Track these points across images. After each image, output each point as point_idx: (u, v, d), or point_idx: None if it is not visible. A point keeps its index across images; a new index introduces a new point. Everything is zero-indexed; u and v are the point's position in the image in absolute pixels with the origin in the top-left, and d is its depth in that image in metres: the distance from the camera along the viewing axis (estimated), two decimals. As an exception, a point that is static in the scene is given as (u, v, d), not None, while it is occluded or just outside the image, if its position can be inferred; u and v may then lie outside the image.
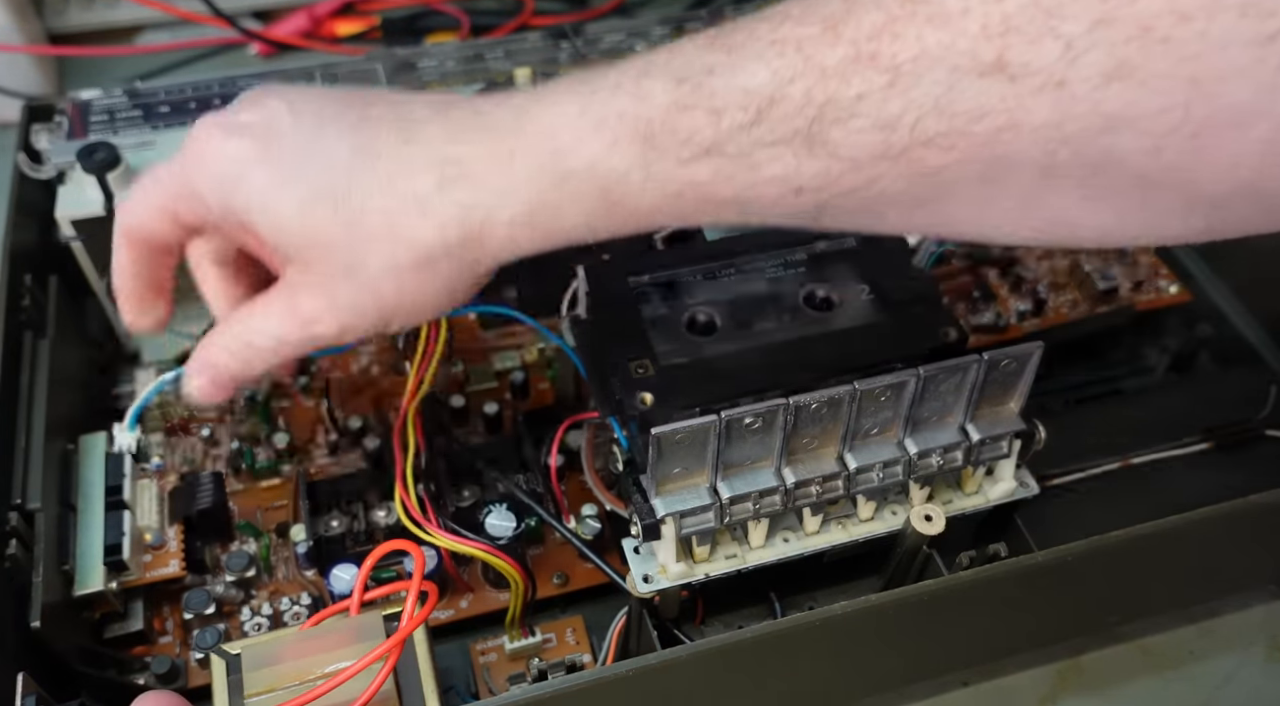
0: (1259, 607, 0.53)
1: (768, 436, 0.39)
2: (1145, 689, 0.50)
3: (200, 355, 0.39)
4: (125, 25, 0.85)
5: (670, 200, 0.32)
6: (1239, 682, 0.50)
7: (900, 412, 0.40)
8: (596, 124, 0.31)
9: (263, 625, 0.48)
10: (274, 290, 0.37)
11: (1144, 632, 0.52)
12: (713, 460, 0.38)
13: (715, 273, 0.44)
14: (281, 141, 0.34)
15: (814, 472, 0.40)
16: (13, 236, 0.52)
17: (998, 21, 0.26)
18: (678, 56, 0.31)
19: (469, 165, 0.33)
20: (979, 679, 0.50)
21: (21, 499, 0.44)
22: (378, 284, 0.34)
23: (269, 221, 0.34)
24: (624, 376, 0.39)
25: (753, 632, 0.39)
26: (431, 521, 0.46)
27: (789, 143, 0.29)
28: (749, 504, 0.40)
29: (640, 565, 0.41)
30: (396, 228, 0.33)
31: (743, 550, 0.42)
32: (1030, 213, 0.30)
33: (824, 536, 0.42)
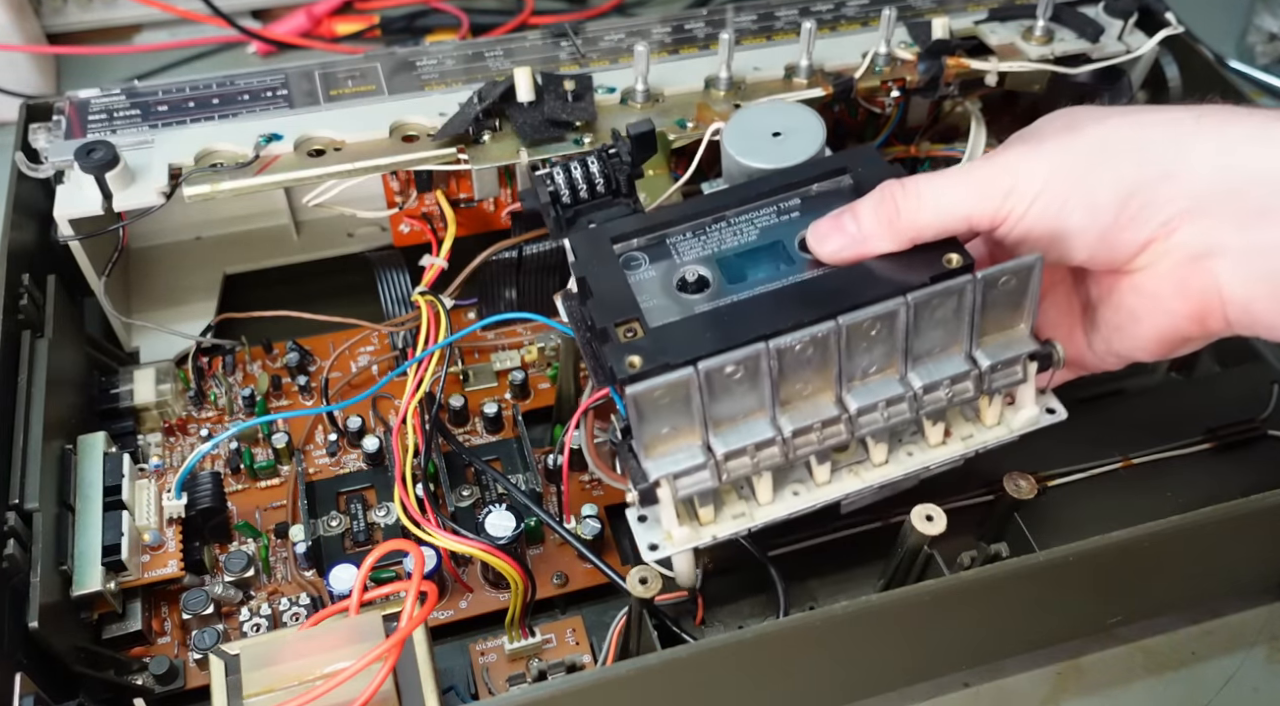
0: (1259, 608, 0.53)
1: (756, 385, 0.37)
2: (1145, 689, 0.50)
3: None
4: (123, 24, 0.85)
5: None
6: (1239, 683, 0.50)
7: (897, 346, 0.38)
8: None
9: (261, 625, 0.47)
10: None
11: (1144, 633, 0.52)
12: (700, 416, 0.37)
13: (705, 228, 0.43)
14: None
15: (812, 418, 0.38)
16: (11, 236, 0.51)
17: None
18: None
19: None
20: (979, 679, 0.50)
21: (19, 499, 0.44)
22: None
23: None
24: (612, 342, 0.38)
25: (753, 632, 0.39)
26: (431, 521, 0.46)
27: None
28: (746, 458, 0.38)
29: (646, 533, 0.39)
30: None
31: (750, 508, 0.40)
32: None
33: (836, 485, 0.40)
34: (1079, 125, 0.40)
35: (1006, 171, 0.39)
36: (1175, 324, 0.40)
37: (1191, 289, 0.39)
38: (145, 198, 0.51)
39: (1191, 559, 0.48)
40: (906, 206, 0.39)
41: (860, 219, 0.39)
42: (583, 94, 0.55)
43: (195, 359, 0.57)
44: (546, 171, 0.45)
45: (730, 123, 0.48)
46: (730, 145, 0.47)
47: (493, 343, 0.60)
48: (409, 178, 0.58)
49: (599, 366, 0.41)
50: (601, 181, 0.45)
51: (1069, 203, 0.38)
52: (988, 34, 0.62)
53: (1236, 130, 0.37)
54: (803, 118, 0.48)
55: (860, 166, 0.44)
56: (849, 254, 0.40)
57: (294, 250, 0.64)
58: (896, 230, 0.39)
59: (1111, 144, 0.39)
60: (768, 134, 0.47)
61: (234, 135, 0.54)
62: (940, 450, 0.41)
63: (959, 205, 0.39)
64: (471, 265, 0.57)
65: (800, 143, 0.46)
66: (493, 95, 0.53)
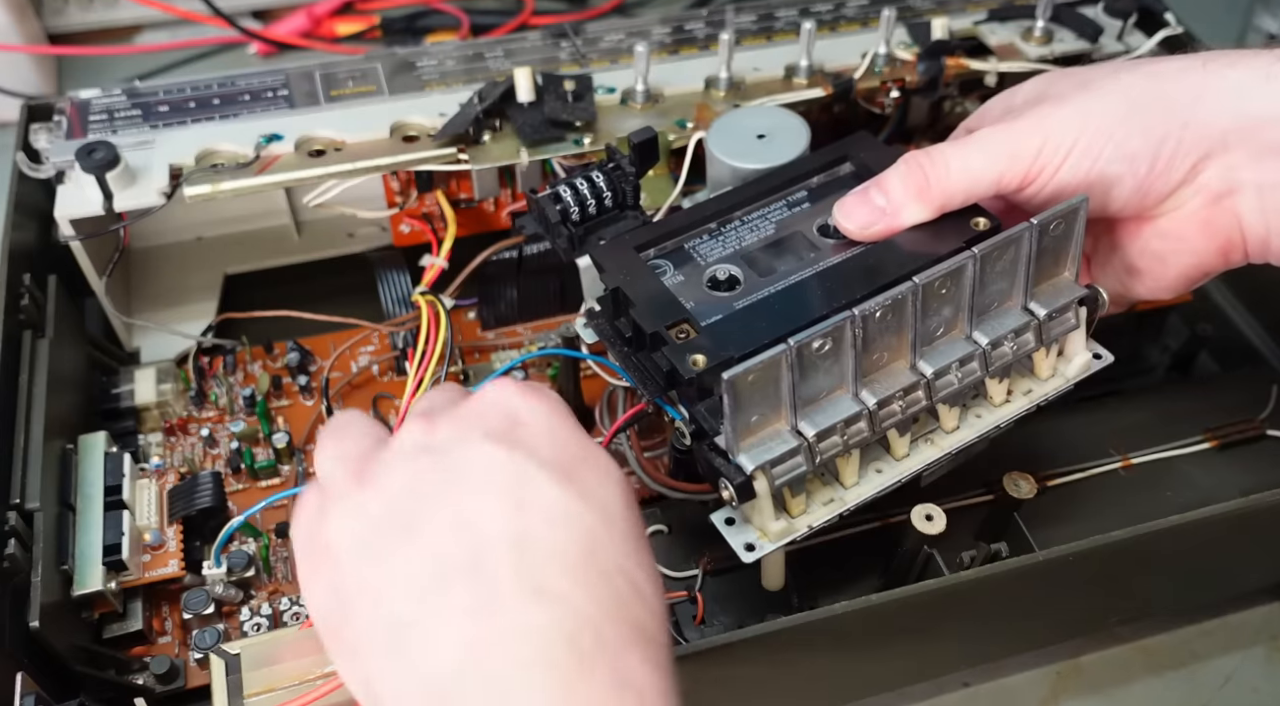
0: (1259, 607, 0.53)
1: (838, 359, 0.36)
2: (1145, 689, 0.50)
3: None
4: (124, 25, 0.85)
5: None
6: (1239, 683, 0.50)
7: (963, 304, 0.38)
8: None
9: (262, 625, 0.47)
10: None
11: (1144, 633, 0.52)
12: (789, 397, 0.36)
13: (720, 229, 0.43)
14: None
15: (892, 388, 0.37)
16: (12, 236, 0.52)
17: None
18: None
19: None
20: (979, 679, 0.50)
21: (20, 498, 0.44)
22: None
23: None
24: (669, 345, 0.37)
25: (753, 632, 0.39)
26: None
27: None
28: (837, 437, 0.37)
29: (738, 535, 0.38)
30: None
31: (838, 492, 0.39)
32: None
33: (916, 457, 0.40)
34: (1093, 82, 0.40)
35: (1034, 130, 0.39)
36: (1202, 262, 0.41)
37: (1216, 227, 0.40)
38: (146, 198, 0.51)
39: (1191, 559, 0.48)
40: (935, 174, 0.39)
41: (888, 191, 0.39)
42: (583, 94, 0.55)
43: (196, 359, 0.57)
44: (552, 191, 0.45)
45: (713, 129, 0.48)
46: (717, 149, 0.47)
47: (493, 342, 0.60)
48: (409, 178, 0.58)
49: (647, 376, 0.40)
50: (609, 195, 0.45)
51: (1104, 154, 0.39)
52: (987, 34, 0.62)
53: (1244, 73, 0.39)
54: (783, 119, 0.48)
55: (859, 153, 0.44)
56: (879, 227, 0.40)
57: (294, 250, 0.64)
58: (927, 199, 0.39)
59: (1133, 96, 0.39)
60: (752, 137, 0.47)
61: (234, 135, 0.54)
62: (1006, 408, 0.41)
63: (988, 168, 0.39)
64: (471, 265, 0.57)
65: (785, 143, 0.46)
66: (493, 95, 0.53)
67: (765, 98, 0.57)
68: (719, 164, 0.47)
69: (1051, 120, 0.39)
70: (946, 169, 0.39)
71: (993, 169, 0.39)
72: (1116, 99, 0.39)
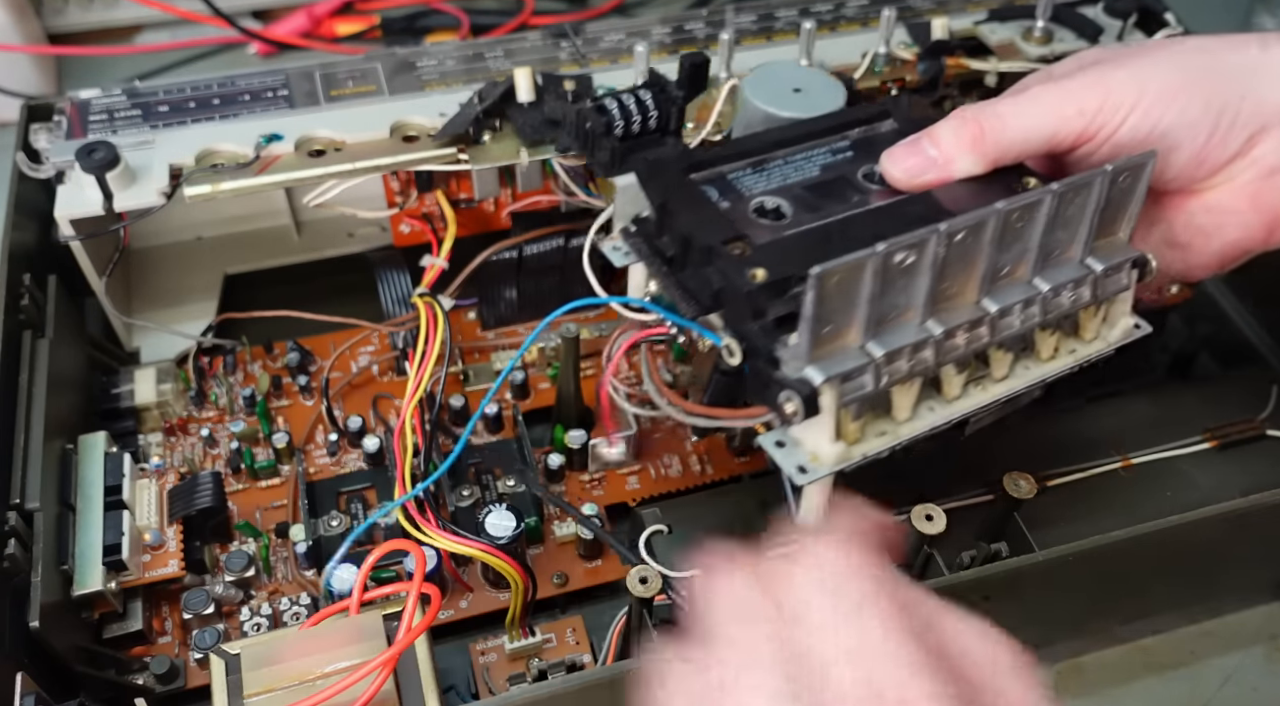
0: (1259, 607, 0.53)
1: (913, 279, 0.35)
2: (1145, 689, 0.50)
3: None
4: (124, 25, 0.85)
5: None
6: (1239, 683, 0.50)
7: (1031, 244, 0.37)
8: None
9: (262, 625, 0.47)
10: None
11: (1144, 633, 0.52)
12: (864, 310, 0.34)
13: (764, 165, 0.42)
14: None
15: (958, 320, 0.36)
16: (12, 236, 0.52)
17: None
18: None
19: None
20: (979, 679, 0.50)
21: (20, 498, 0.44)
22: None
23: None
24: (723, 259, 0.36)
25: (753, 632, 0.39)
26: (431, 521, 0.46)
27: None
28: (903, 362, 0.35)
29: (789, 458, 0.36)
30: None
31: (891, 426, 0.37)
32: None
33: (966, 400, 0.39)
34: (1147, 51, 0.40)
35: (1094, 87, 0.39)
36: (1246, 237, 0.41)
37: (1265, 203, 0.40)
38: (146, 198, 0.51)
39: (1191, 559, 0.48)
40: (990, 127, 0.38)
41: (940, 141, 0.39)
42: (583, 94, 0.55)
43: (196, 359, 0.57)
44: (596, 103, 0.42)
45: (750, 78, 0.47)
46: (755, 96, 0.46)
47: (493, 342, 0.60)
48: (409, 178, 0.58)
49: (689, 296, 0.38)
50: (655, 116, 0.43)
51: (1165, 119, 0.38)
52: (987, 34, 0.62)
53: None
54: (820, 77, 0.47)
55: (902, 110, 0.43)
56: (929, 177, 0.39)
57: (294, 250, 0.64)
58: (980, 151, 0.38)
59: (1191, 65, 0.39)
60: (788, 89, 0.46)
61: (234, 135, 0.54)
62: (1052, 363, 0.40)
63: (1044, 123, 0.38)
64: (471, 265, 0.57)
65: (822, 99, 0.46)
66: (493, 95, 0.53)
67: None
68: (755, 110, 0.46)
69: (1112, 79, 0.39)
70: (1001, 121, 0.38)
71: (1049, 123, 0.38)
72: (1175, 66, 0.39)
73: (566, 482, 0.54)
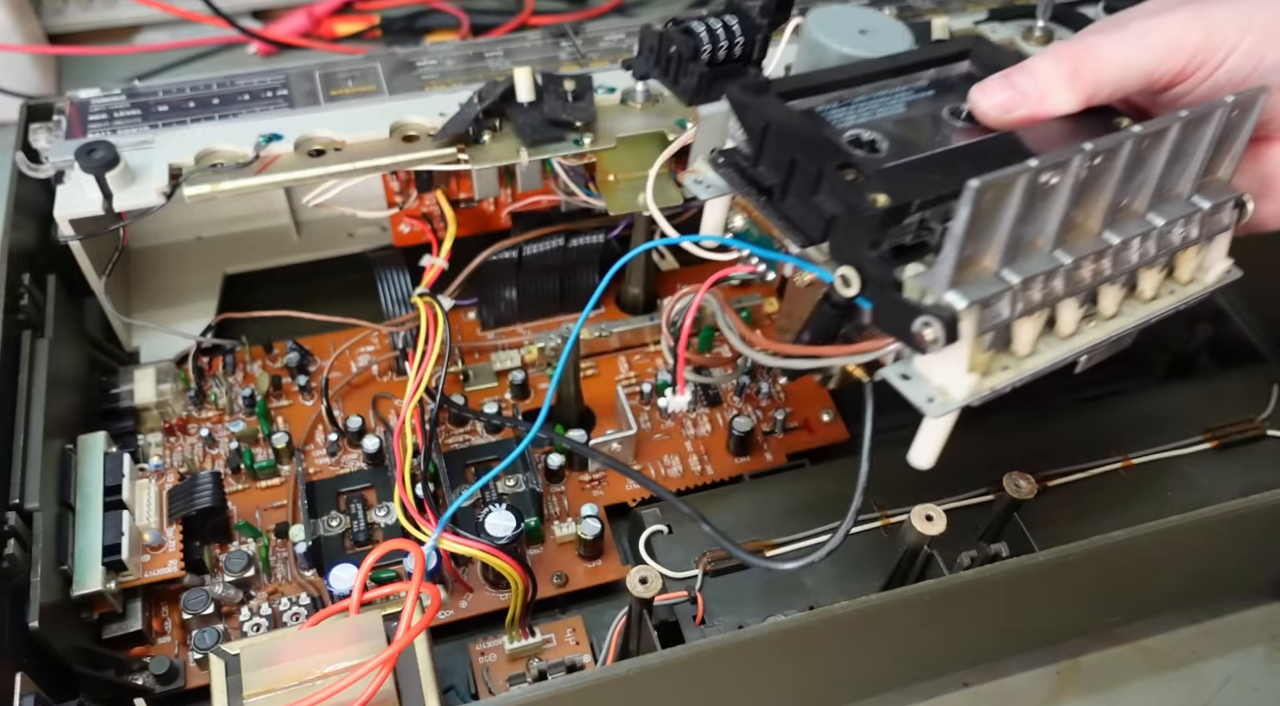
0: (1259, 607, 0.53)
1: (1050, 205, 0.34)
2: (1145, 689, 0.50)
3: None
4: (124, 24, 0.85)
5: None
6: (1239, 683, 0.50)
7: (1151, 176, 0.36)
8: None
9: (261, 625, 0.47)
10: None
11: (1144, 633, 0.52)
12: (1006, 233, 0.33)
13: (851, 101, 0.41)
14: None
15: (1085, 251, 0.35)
16: (11, 236, 0.51)
17: None
18: None
19: None
20: (979, 679, 0.50)
21: (20, 499, 0.44)
22: None
23: None
24: (836, 183, 0.35)
25: (752, 633, 0.39)
26: (431, 522, 0.46)
27: None
28: (1036, 291, 0.35)
29: (917, 390, 0.35)
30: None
31: (1013, 361, 0.36)
32: None
33: (1080, 338, 0.38)
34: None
35: (1195, 22, 0.37)
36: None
37: None
38: (145, 198, 0.51)
39: (1191, 559, 0.48)
40: (1086, 61, 0.37)
41: (1036, 76, 0.38)
42: (583, 94, 0.55)
43: (195, 359, 0.57)
44: (683, 26, 0.41)
45: (812, 18, 0.45)
46: (822, 34, 0.44)
47: (493, 342, 0.60)
48: (409, 178, 0.58)
49: (795, 225, 0.37)
50: (740, 43, 0.41)
51: (1267, 59, 0.37)
52: (988, 34, 0.62)
53: None
54: (884, 20, 0.46)
55: (982, 50, 0.42)
56: (1022, 112, 0.38)
57: (294, 250, 0.64)
58: (1076, 86, 0.37)
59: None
60: (854, 30, 0.45)
61: (234, 135, 0.54)
62: (1154, 304, 0.40)
63: (1143, 58, 0.37)
64: (471, 265, 0.57)
65: (889, 41, 0.44)
66: (493, 95, 0.53)
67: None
68: (826, 49, 0.45)
69: (1215, 15, 0.37)
70: (1099, 56, 0.37)
71: (1148, 59, 0.37)
72: (1271, 11, 0.37)
73: (566, 483, 0.54)
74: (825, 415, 0.57)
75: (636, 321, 0.60)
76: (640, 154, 0.54)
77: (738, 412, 0.57)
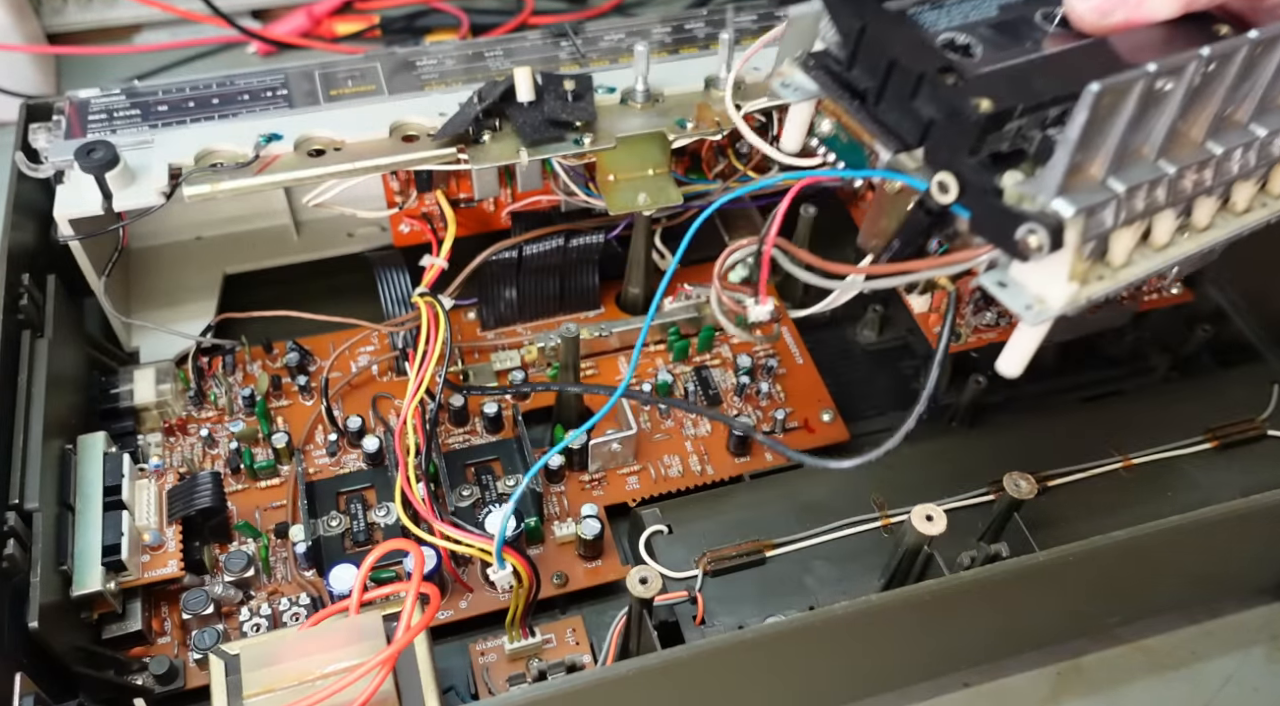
0: (1259, 608, 0.53)
1: (1160, 112, 0.34)
2: (1145, 689, 0.50)
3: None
4: (123, 24, 0.84)
5: None
6: (1239, 683, 0.50)
7: (1259, 84, 0.36)
8: None
9: (261, 625, 0.47)
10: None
11: (1144, 633, 0.52)
12: (1117, 140, 0.33)
13: (941, 3, 0.40)
14: None
15: (1188, 161, 0.35)
16: (11, 236, 0.51)
17: None
18: None
19: None
20: (979, 679, 0.50)
21: (19, 499, 0.44)
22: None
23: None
24: (937, 88, 0.34)
25: (752, 633, 0.39)
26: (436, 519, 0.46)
27: None
28: (1139, 201, 0.34)
29: (1015, 297, 0.35)
30: None
31: (1108, 271, 0.36)
32: None
33: (1173, 249, 0.37)
34: None
35: None
36: None
37: None
38: (145, 198, 0.51)
39: (1191, 559, 0.48)
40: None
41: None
42: (583, 94, 0.55)
43: (195, 359, 0.57)
44: None
45: None
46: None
47: (493, 342, 0.60)
48: (409, 178, 0.58)
49: (891, 130, 0.37)
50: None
51: None
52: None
53: None
54: None
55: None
56: (1119, 16, 0.37)
57: (294, 250, 0.64)
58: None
59: None
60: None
61: (234, 135, 0.54)
62: (1247, 216, 0.39)
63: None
64: (471, 265, 0.57)
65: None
66: (493, 95, 0.53)
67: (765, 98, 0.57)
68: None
69: None
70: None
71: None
72: None
73: (566, 483, 0.54)
74: (825, 415, 0.57)
75: (636, 321, 0.60)
76: (640, 154, 0.54)
77: (738, 413, 0.57)
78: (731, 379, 0.59)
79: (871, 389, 0.61)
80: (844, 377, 0.60)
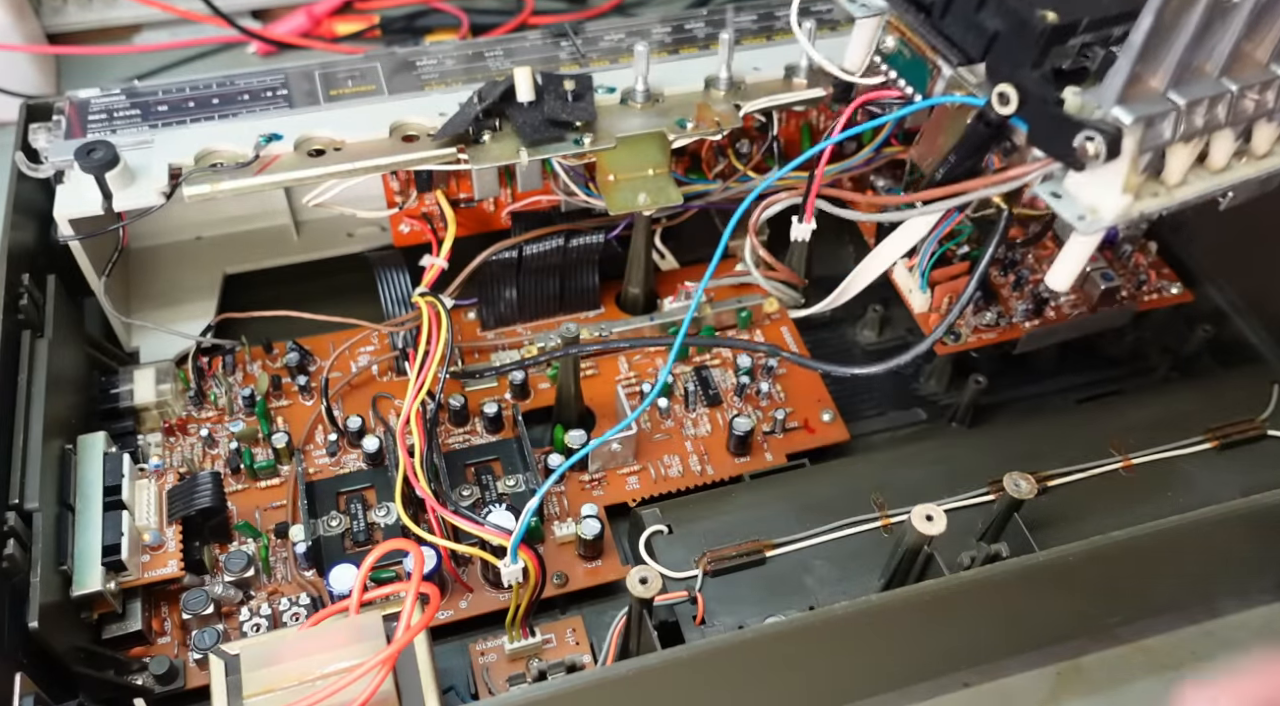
0: (1259, 608, 0.53)
1: (1225, 27, 0.34)
2: (1145, 689, 0.50)
3: None
4: (123, 24, 0.84)
5: None
6: (1239, 683, 0.50)
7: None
8: None
9: (261, 625, 0.47)
10: None
11: (1144, 633, 0.52)
12: (1180, 52, 0.33)
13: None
14: None
15: (1252, 81, 0.35)
16: (11, 236, 0.51)
17: None
18: None
19: None
20: (979, 679, 0.50)
21: (19, 499, 0.44)
22: None
23: None
24: (1005, 3, 0.35)
25: (752, 633, 0.39)
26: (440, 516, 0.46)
27: None
28: (1199, 116, 0.35)
29: (1069, 207, 0.35)
30: None
31: (1163, 188, 0.37)
32: None
33: (1230, 173, 0.38)
34: None
35: None
36: None
37: None
38: (145, 198, 0.51)
39: (1191, 559, 0.48)
40: None
41: None
42: (583, 94, 0.55)
43: (195, 359, 0.57)
44: None
45: None
46: None
47: (493, 342, 0.60)
48: (409, 178, 0.58)
49: (955, 43, 0.37)
50: None
51: None
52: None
53: None
54: None
55: None
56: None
57: (294, 250, 0.64)
58: None
59: None
60: None
61: (234, 135, 0.54)
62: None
63: None
64: (471, 265, 0.57)
65: None
66: (493, 95, 0.53)
67: (765, 98, 0.57)
68: None
69: None
70: None
71: None
72: None
73: (566, 483, 0.54)
74: (825, 415, 0.57)
75: (636, 321, 0.60)
76: (640, 154, 0.54)
77: (738, 413, 0.57)
78: (731, 379, 0.59)
79: (871, 389, 0.61)
80: (844, 377, 0.60)
